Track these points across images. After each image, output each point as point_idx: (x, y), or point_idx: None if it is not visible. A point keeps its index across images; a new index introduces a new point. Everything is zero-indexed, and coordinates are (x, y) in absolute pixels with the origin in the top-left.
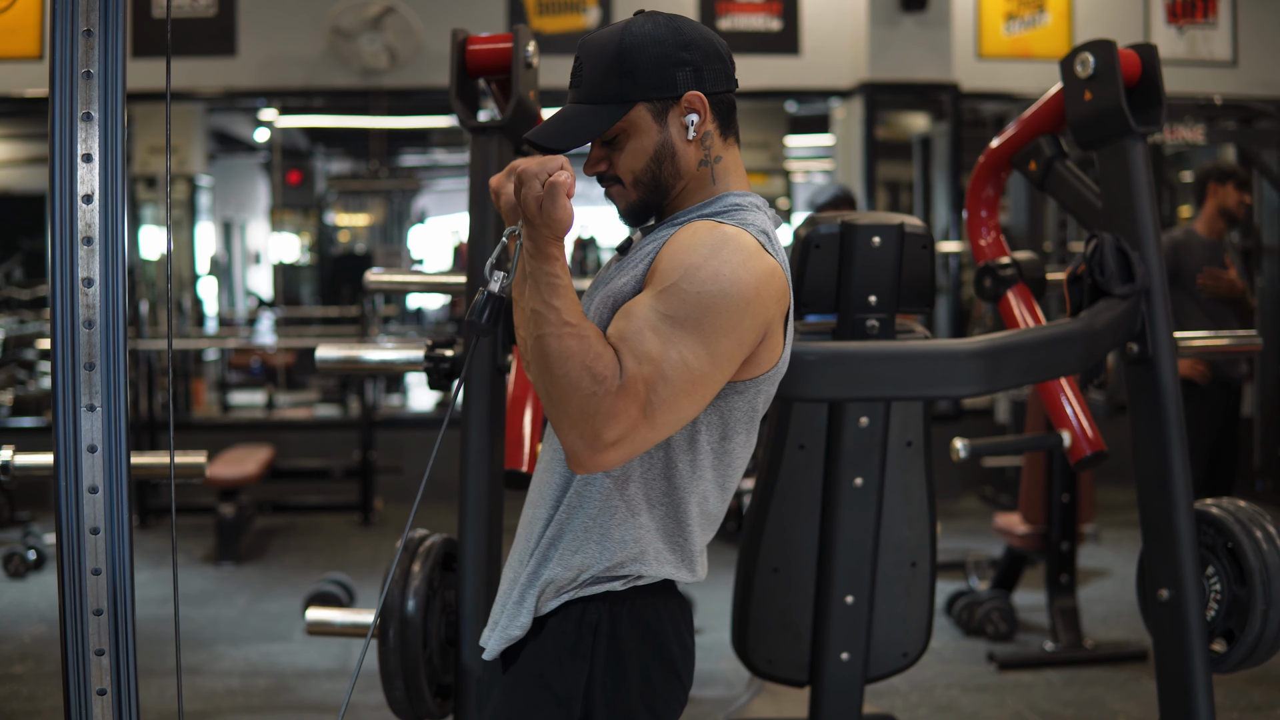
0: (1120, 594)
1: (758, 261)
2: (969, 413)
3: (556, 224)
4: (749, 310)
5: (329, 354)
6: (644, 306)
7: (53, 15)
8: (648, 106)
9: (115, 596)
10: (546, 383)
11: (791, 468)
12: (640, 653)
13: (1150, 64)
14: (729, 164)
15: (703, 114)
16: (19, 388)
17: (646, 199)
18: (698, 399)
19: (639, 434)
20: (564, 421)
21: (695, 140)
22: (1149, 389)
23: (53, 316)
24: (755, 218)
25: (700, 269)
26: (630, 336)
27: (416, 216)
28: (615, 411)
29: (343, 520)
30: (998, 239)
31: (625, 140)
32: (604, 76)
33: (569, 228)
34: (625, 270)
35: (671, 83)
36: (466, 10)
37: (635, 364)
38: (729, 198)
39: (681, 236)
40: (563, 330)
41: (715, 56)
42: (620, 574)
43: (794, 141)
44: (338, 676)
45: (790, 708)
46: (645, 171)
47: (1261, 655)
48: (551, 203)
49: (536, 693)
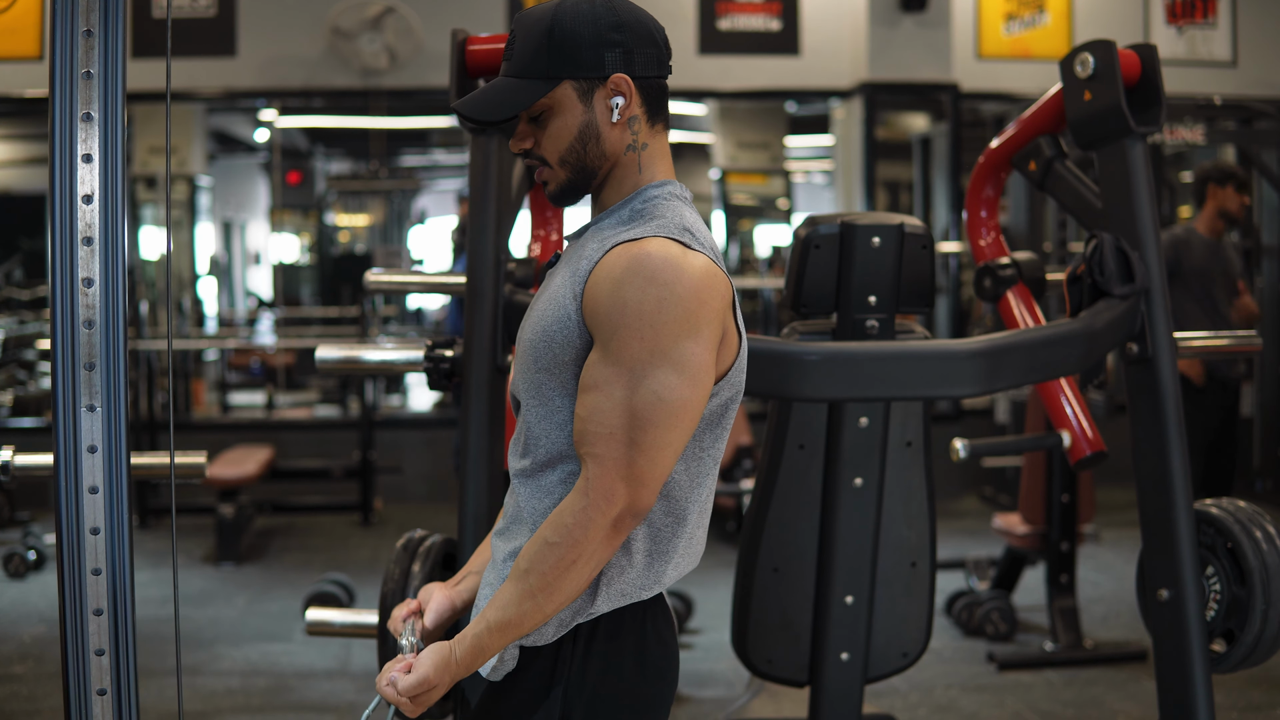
0: (1120, 594)
1: (687, 267)
2: (969, 413)
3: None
4: (700, 317)
5: (329, 354)
6: (599, 368)
7: (53, 15)
8: (574, 85)
9: (115, 596)
10: (580, 578)
11: (791, 468)
12: (619, 657)
13: (1150, 64)
14: (655, 151)
15: (629, 97)
16: (19, 388)
17: (575, 179)
18: (686, 425)
19: (643, 479)
20: (604, 545)
21: (621, 123)
22: (1149, 389)
23: (53, 316)
24: (673, 212)
25: (640, 303)
26: (589, 416)
27: (416, 216)
28: (606, 496)
29: (342, 520)
30: (997, 239)
31: (550, 118)
32: (533, 51)
33: (447, 663)
34: (549, 289)
35: (599, 63)
36: (466, 10)
37: (600, 447)
38: (648, 191)
39: (605, 277)
40: (531, 602)
41: (648, 40)
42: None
43: (794, 142)
44: (338, 677)
45: (790, 708)
46: (570, 151)
47: (1261, 655)
48: (437, 691)
49: (516, 698)
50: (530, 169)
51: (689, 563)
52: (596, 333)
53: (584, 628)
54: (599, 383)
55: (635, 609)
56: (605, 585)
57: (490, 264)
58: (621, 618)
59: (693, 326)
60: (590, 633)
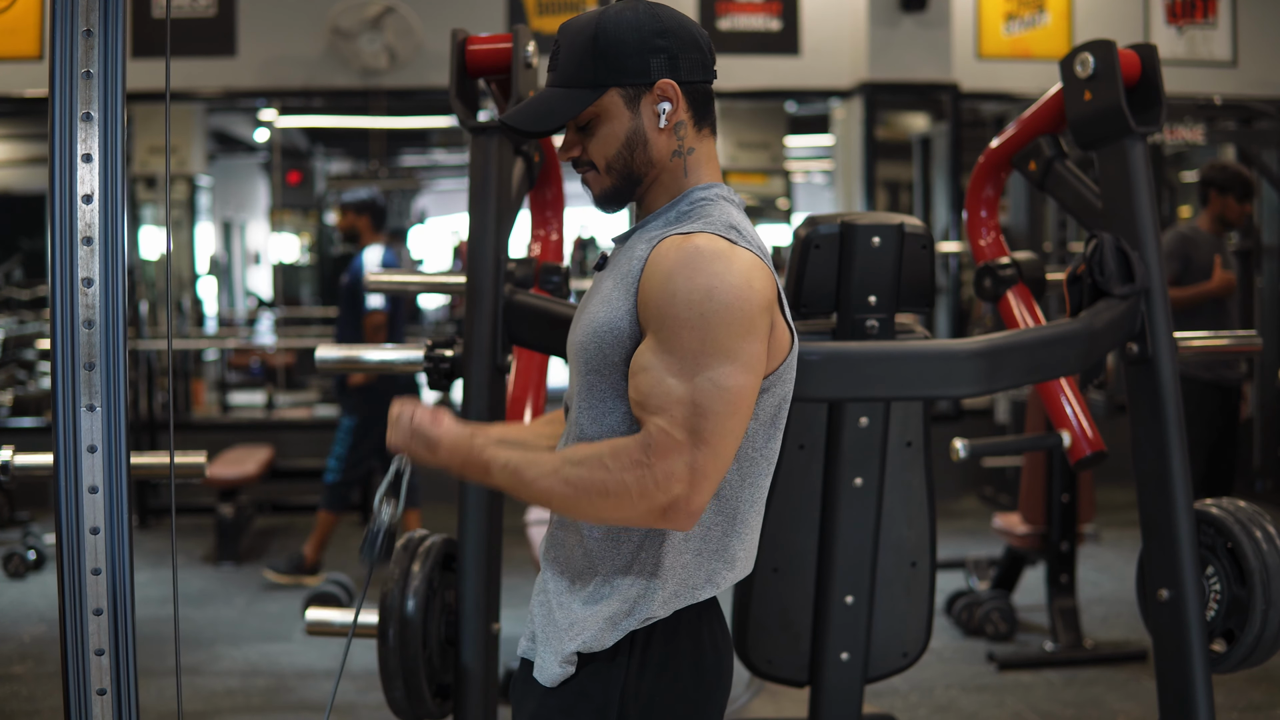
0: (1120, 594)
1: (735, 259)
2: (969, 413)
3: (448, 456)
4: (750, 306)
5: (329, 354)
6: (651, 355)
7: (53, 15)
8: (620, 92)
9: (115, 596)
10: (599, 513)
11: (791, 468)
12: (675, 659)
13: (1150, 64)
14: (702, 156)
15: (675, 102)
16: (19, 388)
17: (621, 186)
18: (744, 412)
19: (705, 471)
20: (642, 517)
21: (668, 129)
22: (1149, 389)
23: (53, 316)
24: (720, 211)
25: (689, 293)
26: (649, 395)
27: (416, 216)
28: (667, 475)
29: (342, 520)
30: (997, 239)
31: (598, 125)
32: (579, 60)
33: (460, 443)
34: (600, 292)
35: (645, 69)
36: (466, 10)
37: (664, 420)
38: (694, 193)
39: (655, 270)
40: (563, 488)
41: (692, 45)
42: (669, 608)
43: (794, 142)
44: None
45: (790, 708)
46: (617, 158)
47: (1261, 655)
48: (435, 454)
49: (573, 700)
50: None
51: (744, 566)
52: (647, 325)
53: (640, 633)
54: (650, 366)
55: (691, 614)
56: (660, 587)
57: (490, 264)
58: (678, 622)
59: (745, 316)
60: (647, 637)
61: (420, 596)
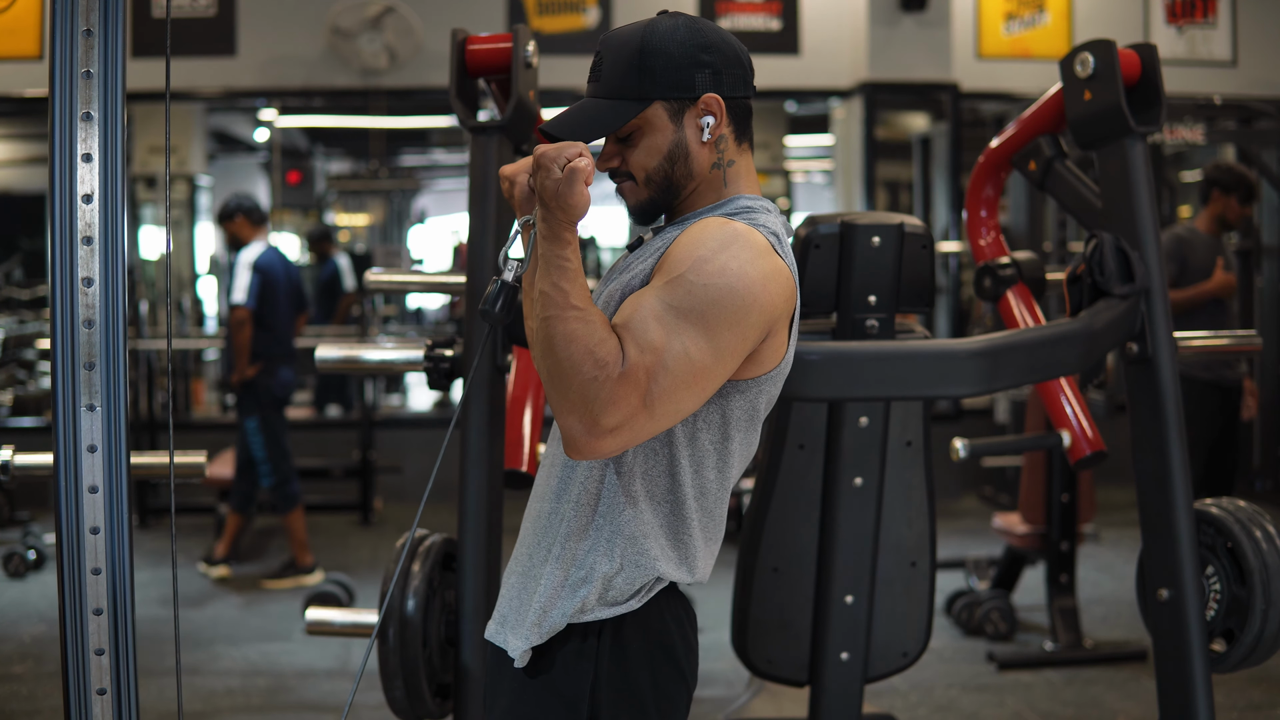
0: (1120, 594)
1: (766, 260)
2: (969, 413)
3: (572, 209)
4: (753, 306)
5: (329, 354)
6: (650, 296)
7: (53, 15)
8: (665, 105)
9: (115, 596)
10: (549, 364)
11: (791, 468)
12: (644, 652)
13: (1150, 64)
14: (741, 169)
15: (719, 117)
16: (19, 388)
17: (657, 198)
18: (698, 391)
19: (637, 423)
20: (564, 404)
21: (710, 143)
22: (1149, 389)
23: (53, 316)
24: (767, 220)
25: (709, 262)
26: (634, 325)
27: (416, 216)
28: (615, 398)
29: (343, 520)
30: (997, 239)
31: (640, 138)
32: (624, 73)
33: (585, 213)
34: (634, 266)
35: (690, 84)
36: (466, 10)
37: (638, 352)
38: (741, 200)
39: (693, 231)
40: (568, 313)
41: (735, 61)
42: (636, 589)
43: (794, 141)
44: (337, 676)
45: (790, 708)
46: (658, 170)
47: (1261, 655)
48: (569, 187)
49: (544, 696)
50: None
51: (708, 560)
52: (660, 272)
53: (609, 623)
54: (644, 304)
55: (659, 605)
56: (628, 577)
57: (490, 264)
58: (646, 613)
59: (742, 310)
60: (616, 628)
61: (420, 596)
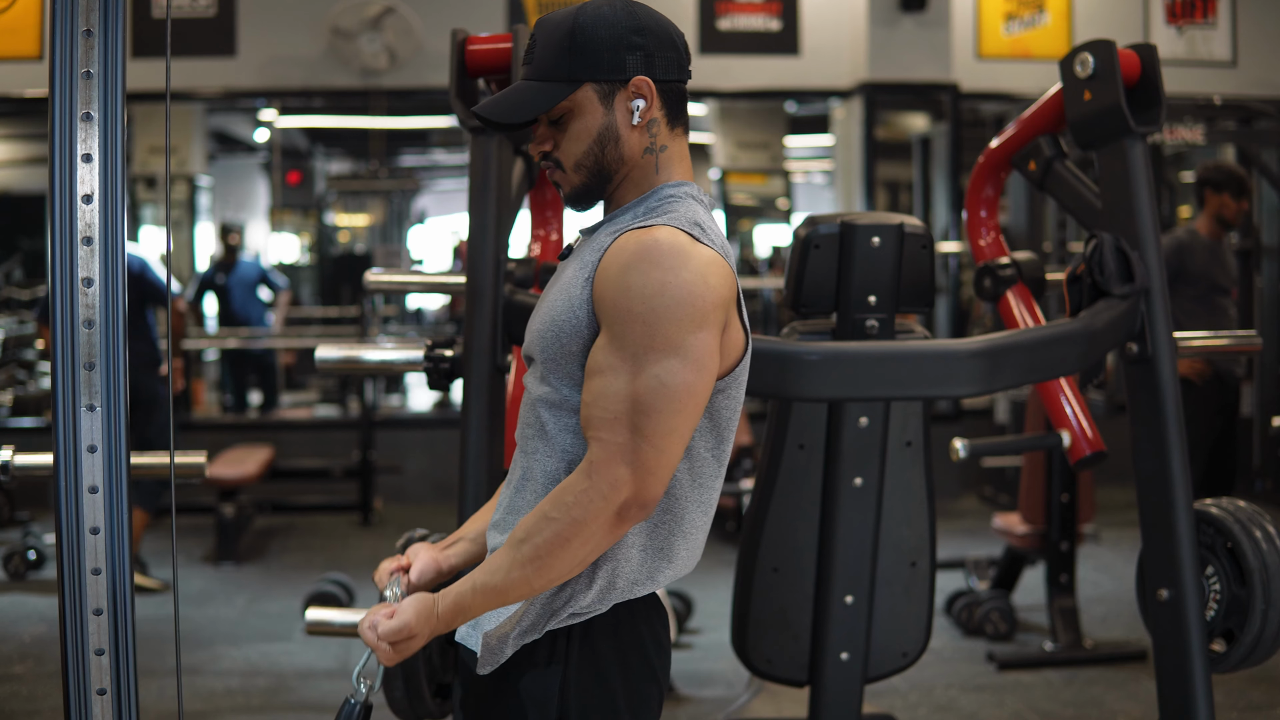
0: (1120, 594)
1: (694, 255)
2: (969, 413)
3: (430, 635)
4: (704, 302)
5: (329, 354)
6: (603, 354)
7: (53, 15)
8: (595, 88)
9: (115, 596)
10: (575, 559)
11: (791, 468)
12: (615, 652)
13: (1150, 64)
14: (674, 154)
15: (650, 100)
16: (19, 388)
17: (589, 183)
18: (690, 410)
19: (649, 466)
20: (608, 533)
21: (640, 126)
22: (1148, 389)
23: (53, 316)
24: (686, 209)
25: (643, 287)
26: (593, 404)
27: (416, 216)
28: (611, 483)
29: (342, 520)
30: (997, 239)
31: (570, 120)
32: (555, 55)
33: (425, 611)
34: (560, 281)
35: (620, 66)
36: (466, 10)
37: (604, 432)
38: (664, 190)
39: (612, 262)
40: (521, 572)
41: (668, 44)
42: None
43: (794, 142)
44: (337, 676)
45: (790, 708)
46: (588, 155)
47: (1261, 655)
48: (409, 648)
49: (513, 697)
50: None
51: (686, 564)
52: (602, 318)
53: (578, 628)
54: (603, 368)
55: (630, 609)
56: (600, 580)
57: (490, 264)
58: (617, 616)
59: (696, 312)
60: (585, 632)
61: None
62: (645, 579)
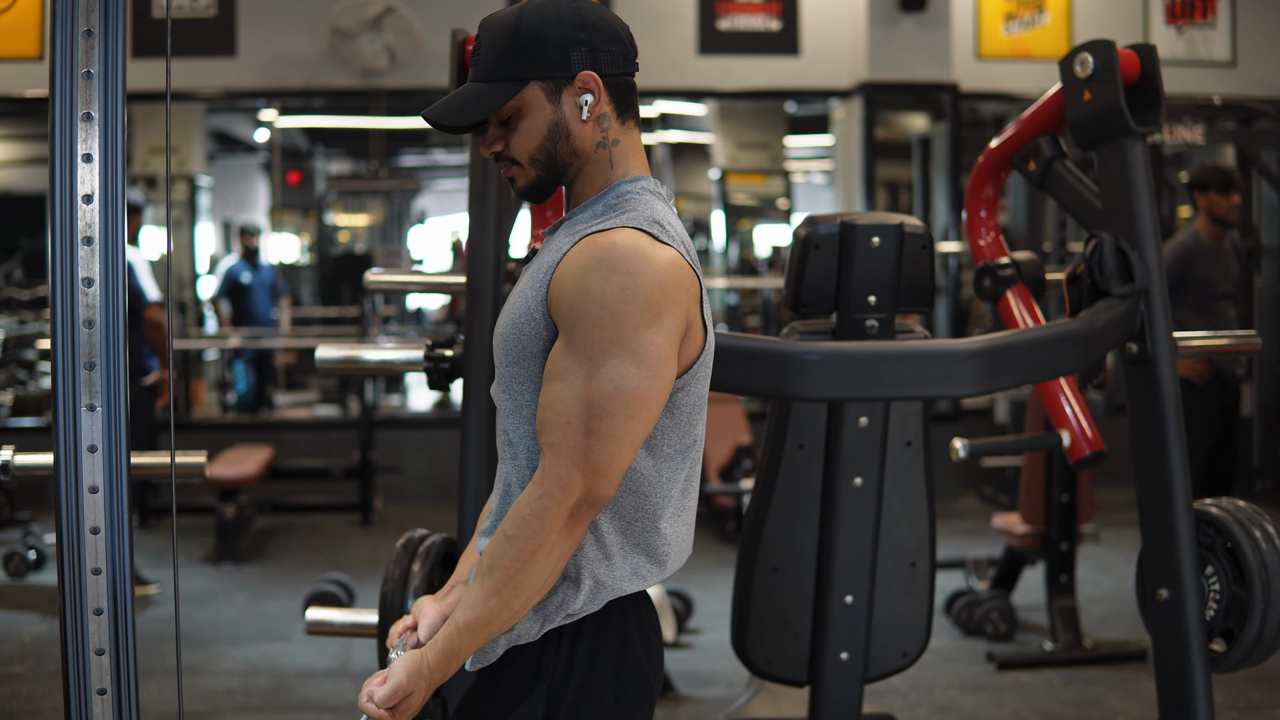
0: (1120, 594)
1: (653, 257)
2: (968, 413)
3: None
4: (662, 305)
5: (329, 354)
6: (561, 359)
7: (53, 15)
8: (541, 85)
9: (115, 596)
10: (544, 570)
11: (791, 468)
12: (604, 652)
13: (1149, 64)
14: (628, 147)
15: (597, 94)
16: (19, 388)
17: (545, 177)
18: (644, 415)
19: (599, 467)
20: (565, 535)
21: (590, 121)
22: (1148, 389)
23: (53, 316)
24: (645, 205)
25: (602, 291)
26: (547, 409)
27: (416, 216)
28: (561, 485)
29: (342, 520)
30: (997, 239)
31: (519, 119)
32: (499, 55)
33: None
34: (521, 284)
35: (565, 62)
36: (466, 10)
37: (558, 435)
38: (621, 186)
39: (571, 266)
40: (497, 600)
41: (613, 38)
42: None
43: (793, 142)
44: (338, 676)
45: (790, 707)
46: (540, 150)
47: (1261, 655)
48: (416, 701)
49: (502, 697)
50: None
51: (674, 559)
52: (560, 322)
53: (568, 628)
54: (560, 373)
55: (619, 607)
56: (587, 582)
57: (490, 264)
58: (606, 616)
59: (654, 317)
60: (576, 631)
61: (420, 596)
62: (630, 575)
